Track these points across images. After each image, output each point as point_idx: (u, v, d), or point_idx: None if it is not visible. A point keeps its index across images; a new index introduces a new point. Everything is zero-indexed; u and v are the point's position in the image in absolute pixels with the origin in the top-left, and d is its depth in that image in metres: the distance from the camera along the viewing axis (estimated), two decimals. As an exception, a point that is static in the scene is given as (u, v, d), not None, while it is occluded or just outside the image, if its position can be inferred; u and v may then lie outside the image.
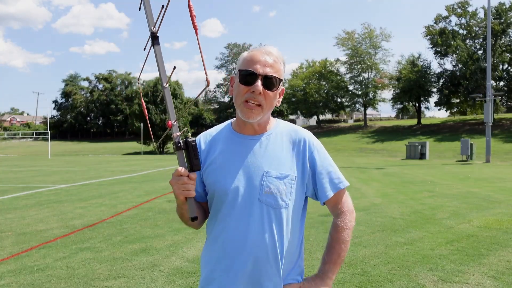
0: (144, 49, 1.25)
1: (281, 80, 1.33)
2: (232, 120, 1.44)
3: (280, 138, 1.36)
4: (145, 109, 1.42)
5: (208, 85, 1.12)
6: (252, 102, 1.28)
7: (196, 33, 1.11)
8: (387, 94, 72.04)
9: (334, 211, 1.41)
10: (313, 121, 65.70)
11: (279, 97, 1.37)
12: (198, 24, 1.10)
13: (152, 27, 1.21)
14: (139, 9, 1.20)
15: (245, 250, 1.26)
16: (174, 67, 1.19)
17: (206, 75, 1.06)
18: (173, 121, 1.20)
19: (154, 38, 1.21)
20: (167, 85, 1.22)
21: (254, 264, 1.26)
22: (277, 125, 1.41)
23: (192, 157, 1.22)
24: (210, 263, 1.34)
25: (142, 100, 1.35)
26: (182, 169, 1.19)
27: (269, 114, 1.39)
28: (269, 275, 1.27)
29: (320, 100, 54.15)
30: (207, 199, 1.41)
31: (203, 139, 1.43)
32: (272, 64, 1.30)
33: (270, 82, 1.28)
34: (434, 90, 49.92)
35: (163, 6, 1.12)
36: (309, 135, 1.40)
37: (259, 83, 1.27)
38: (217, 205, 1.34)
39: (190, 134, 1.25)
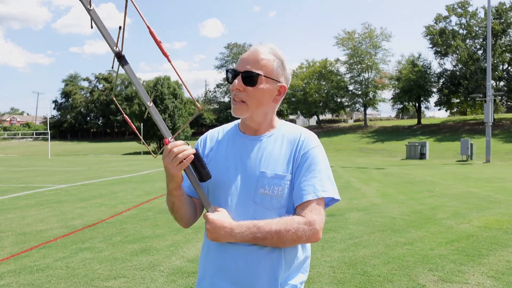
0: (112, 68, 1.16)
1: (259, 75, 1.27)
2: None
3: (280, 139, 1.34)
4: (130, 123, 1.37)
5: (200, 111, 1.09)
6: (236, 99, 1.29)
7: (169, 61, 1.04)
8: (387, 94, 71.94)
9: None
10: (313, 121, 65.71)
11: (277, 95, 1.33)
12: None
13: (115, 47, 1.11)
14: (91, 27, 1.11)
15: (238, 250, 1.25)
16: (154, 90, 1.12)
17: (194, 101, 1.01)
18: (169, 138, 1.16)
19: (120, 58, 1.12)
20: (151, 103, 1.13)
21: (247, 265, 1.24)
22: (280, 126, 1.39)
23: (199, 168, 1.18)
24: (205, 262, 1.34)
25: (125, 116, 1.32)
26: (170, 143, 1.17)
27: (269, 114, 1.35)
28: (263, 277, 1.25)
29: (320, 100, 54.16)
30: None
31: (209, 135, 1.45)
32: (253, 60, 1.28)
33: (248, 78, 1.27)
34: (434, 90, 49.94)
35: (120, 27, 1.06)
36: (309, 136, 1.35)
37: (237, 80, 1.27)
38: (212, 203, 1.34)
39: (190, 146, 1.18)
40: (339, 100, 55.75)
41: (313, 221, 1.22)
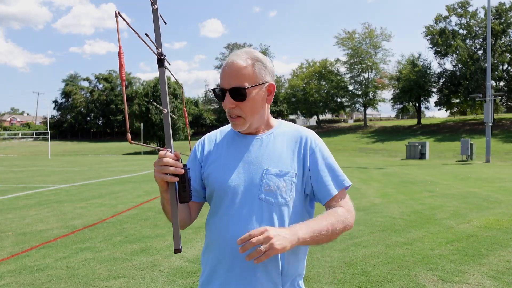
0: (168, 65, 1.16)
1: (247, 87, 1.26)
2: None
3: (281, 136, 1.36)
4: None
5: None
6: (232, 115, 1.30)
7: (123, 84, 1.00)
8: (387, 94, 72.04)
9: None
10: (313, 121, 65.71)
11: (268, 95, 1.33)
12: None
13: (157, 49, 1.14)
14: (146, 35, 1.10)
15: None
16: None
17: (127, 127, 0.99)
18: (168, 149, 1.16)
19: (161, 60, 1.14)
20: (167, 110, 1.13)
21: (254, 264, 1.24)
22: (279, 125, 1.41)
23: (180, 189, 1.16)
24: (211, 261, 1.34)
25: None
26: (163, 152, 1.15)
27: (265, 115, 1.36)
28: (270, 274, 1.26)
29: (320, 100, 54.16)
30: (201, 199, 1.41)
31: (207, 138, 1.45)
32: (236, 74, 1.26)
33: (237, 94, 1.26)
34: (434, 90, 49.95)
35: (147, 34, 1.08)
36: (311, 134, 1.39)
37: (227, 98, 1.27)
38: (217, 203, 1.34)
39: (182, 164, 1.16)
40: (339, 100, 55.75)
41: (351, 209, 1.33)
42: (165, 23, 1.18)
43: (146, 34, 1.08)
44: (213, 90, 1.32)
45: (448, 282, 3.59)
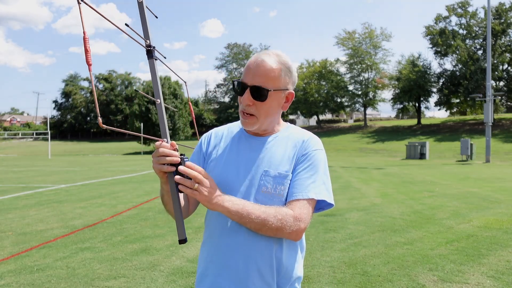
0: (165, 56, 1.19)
1: (270, 90, 1.26)
2: None
3: (285, 140, 1.36)
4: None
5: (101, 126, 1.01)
6: (245, 112, 1.29)
7: (90, 69, 1.01)
8: (387, 94, 71.99)
9: None
10: (313, 121, 65.72)
11: (285, 102, 1.34)
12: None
13: (146, 40, 1.16)
14: (126, 25, 1.12)
15: (238, 248, 1.26)
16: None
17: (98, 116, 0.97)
18: (164, 139, 1.15)
19: (150, 52, 1.16)
20: (159, 101, 1.14)
21: (247, 263, 1.25)
22: (286, 129, 1.41)
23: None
24: (205, 259, 1.34)
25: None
26: (159, 143, 1.15)
27: (275, 120, 1.37)
28: (263, 276, 1.26)
29: (320, 100, 54.17)
30: None
31: (214, 133, 1.46)
32: (262, 73, 1.26)
33: (258, 93, 1.26)
34: (434, 90, 49.98)
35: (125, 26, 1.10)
36: (313, 140, 1.37)
37: (246, 94, 1.26)
38: None
39: (178, 153, 1.15)
40: (339, 100, 55.77)
41: (300, 217, 1.23)
42: (156, 17, 1.20)
43: (126, 24, 1.09)
44: (233, 82, 1.31)
45: (448, 282, 3.59)
